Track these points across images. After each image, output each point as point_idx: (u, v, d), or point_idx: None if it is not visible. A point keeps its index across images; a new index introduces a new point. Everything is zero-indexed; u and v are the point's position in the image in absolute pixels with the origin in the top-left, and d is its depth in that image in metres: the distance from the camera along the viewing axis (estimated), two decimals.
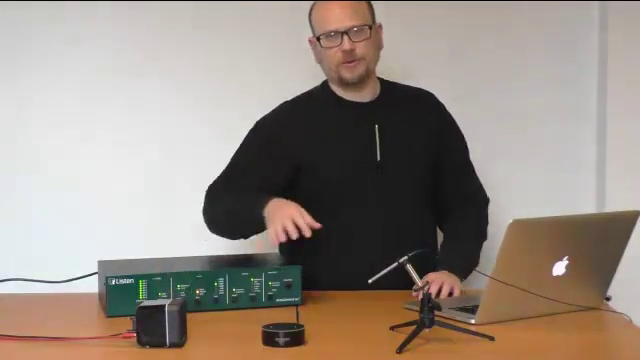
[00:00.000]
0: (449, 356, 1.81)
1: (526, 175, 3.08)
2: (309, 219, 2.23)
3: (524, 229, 1.98)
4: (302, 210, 2.25)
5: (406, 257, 2.18)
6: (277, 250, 2.51)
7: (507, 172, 2.94)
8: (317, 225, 2.22)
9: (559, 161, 3.11)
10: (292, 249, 2.41)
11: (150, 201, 3.04)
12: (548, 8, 3.06)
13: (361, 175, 2.48)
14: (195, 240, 2.97)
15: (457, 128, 2.63)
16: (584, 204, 3.05)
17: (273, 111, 2.57)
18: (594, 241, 2.09)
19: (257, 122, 2.57)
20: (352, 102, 2.52)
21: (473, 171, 2.64)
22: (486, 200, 2.65)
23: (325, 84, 2.57)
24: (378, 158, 2.48)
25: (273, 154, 2.49)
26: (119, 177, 3.03)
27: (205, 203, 2.53)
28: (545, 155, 3.11)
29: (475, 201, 2.62)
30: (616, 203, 2.81)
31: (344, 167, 2.48)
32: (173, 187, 3.05)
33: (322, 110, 2.53)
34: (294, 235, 2.22)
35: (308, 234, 2.21)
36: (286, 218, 2.23)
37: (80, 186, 3.02)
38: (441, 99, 2.65)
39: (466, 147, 2.64)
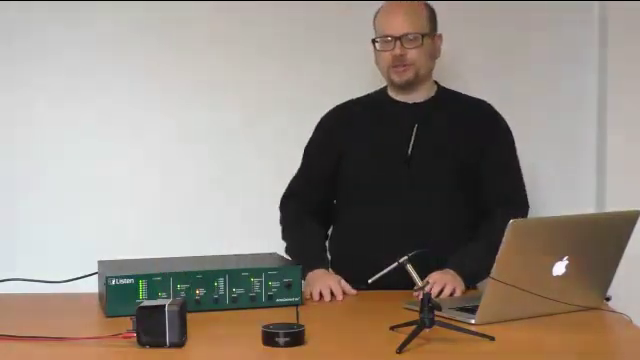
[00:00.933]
0: (449, 356, 1.81)
1: (526, 175, 3.08)
2: (346, 287, 2.40)
3: (524, 229, 1.98)
4: (341, 280, 2.42)
5: (406, 257, 2.18)
6: (276, 250, 2.57)
7: None
8: (353, 292, 2.39)
9: (559, 161, 3.11)
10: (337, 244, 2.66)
11: (150, 201, 3.04)
12: (548, 8, 3.06)
13: (390, 170, 2.55)
14: (195, 240, 2.97)
15: (505, 134, 2.63)
16: (584, 204, 3.04)
17: (331, 109, 2.71)
18: (594, 241, 2.09)
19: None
20: (399, 102, 2.63)
21: (513, 177, 2.63)
22: (522, 209, 2.60)
23: (384, 87, 2.69)
24: (409, 154, 2.54)
25: (326, 148, 2.66)
26: (119, 177, 3.03)
27: (280, 212, 2.71)
28: (545, 155, 3.10)
29: (507, 206, 2.53)
30: (616, 203, 2.81)
31: (374, 160, 2.57)
32: (173, 187, 3.05)
33: (370, 108, 2.66)
34: (328, 298, 2.35)
35: (340, 297, 2.35)
36: (324, 286, 2.37)
37: (80, 186, 3.02)
38: None
39: (510, 153, 2.63)
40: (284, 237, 2.66)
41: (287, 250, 2.60)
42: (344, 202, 2.65)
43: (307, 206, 2.65)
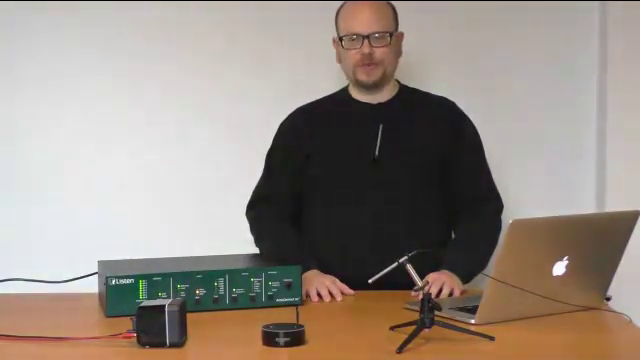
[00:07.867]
0: (449, 356, 1.81)
1: (526, 175, 3.08)
2: (342, 286, 2.38)
3: (524, 229, 1.98)
4: (335, 280, 2.40)
5: (406, 257, 2.18)
6: None
7: (507, 172, 2.94)
8: (350, 291, 2.37)
9: (559, 161, 3.11)
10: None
11: (150, 201, 3.04)
12: (548, 8, 3.06)
13: (357, 170, 2.54)
14: (195, 240, 2.97)
15: (473, 132, 2.64)
16: (584, 204, 3.04)
17: (292, 112, 2.69)
18: (594, 241, 2.09)
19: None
20: (363, 103, 2.61)
21: (487, 175, 2.65)
22: (499, 205, 2.64)
23: (346, 87, 2.67)
24: (376, 154, 2.52)
25: (292, 151, 2.62)
26: (119, 177, 3.03)
27: (250, 224, 2.68)
28: (545, 155, 3.10)
29: (486, 204, 2.60)
30: (616, 203, 2.81)
31: (341, 161, 2.55)
32: (173, 187, 3.05)
33: (333, 109, 2.64)
34: (327, 299, 2.34)
35: (339, 298, 2.34)
36: (321, 286, 2.36)
37: (80, 186, 3.02)
38: None
39: (480, 151, 2.65)
40: (261, 241, 2.61)
41: (267, 254, 2.54)
42: (311, 204, 2.62)
43: (279, 210, 2.62)
